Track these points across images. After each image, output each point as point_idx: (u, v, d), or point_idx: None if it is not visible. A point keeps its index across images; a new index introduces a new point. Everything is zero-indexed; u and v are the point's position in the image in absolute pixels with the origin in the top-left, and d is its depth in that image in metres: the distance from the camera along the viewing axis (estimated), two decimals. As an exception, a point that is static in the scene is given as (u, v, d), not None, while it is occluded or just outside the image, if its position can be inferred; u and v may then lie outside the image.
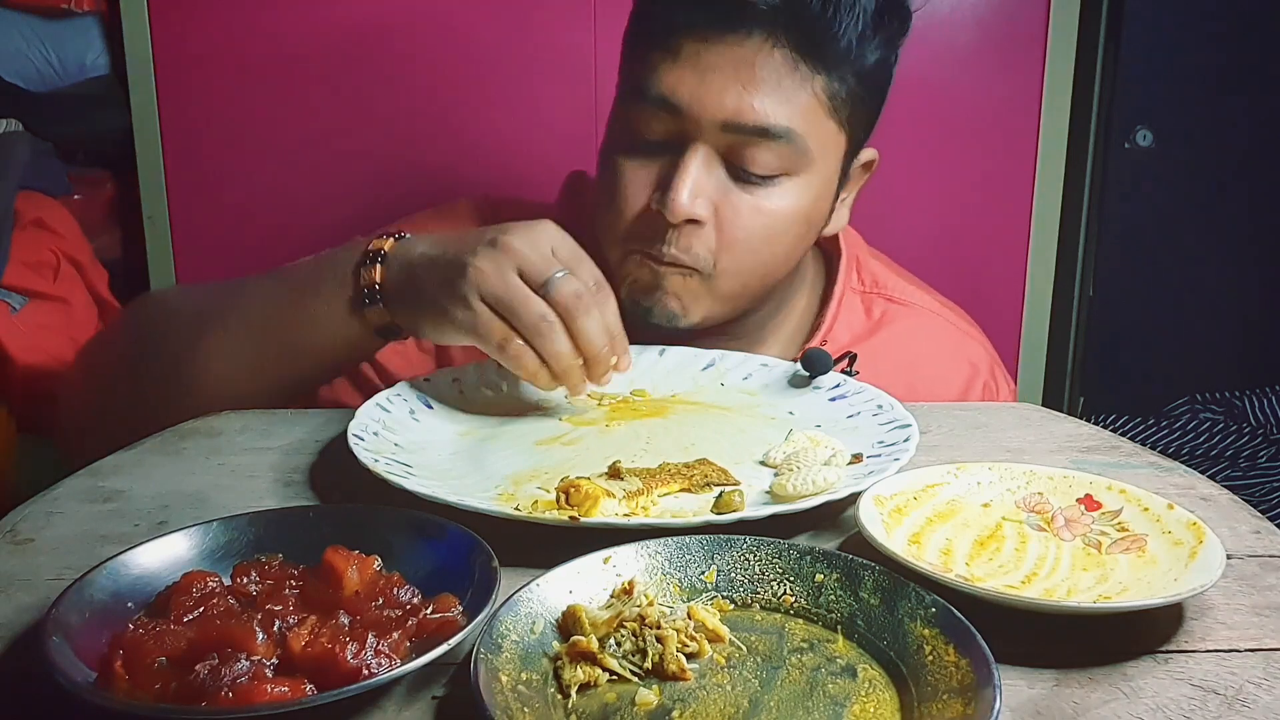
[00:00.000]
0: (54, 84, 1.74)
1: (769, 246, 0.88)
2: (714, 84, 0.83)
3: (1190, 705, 0.48)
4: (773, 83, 0.83)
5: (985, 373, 1.05)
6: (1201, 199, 2.04)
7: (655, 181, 0.86)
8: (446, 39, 1.71)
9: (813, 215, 0.91)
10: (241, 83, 1.73)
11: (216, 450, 0.77)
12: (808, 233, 0.92)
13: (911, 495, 0.64)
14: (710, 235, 0.86)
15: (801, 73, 0.84)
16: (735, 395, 0.87)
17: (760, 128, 0.83)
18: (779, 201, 0.87)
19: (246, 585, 0.52)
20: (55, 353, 1.46)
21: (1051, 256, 1.89)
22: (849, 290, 1.04)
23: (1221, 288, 2.08)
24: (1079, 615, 0.54)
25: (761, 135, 0.83)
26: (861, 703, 0.47)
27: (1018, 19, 1.75)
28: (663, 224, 0.85)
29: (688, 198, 0.83)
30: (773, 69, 0.83)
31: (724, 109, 0.83)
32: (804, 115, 0.85)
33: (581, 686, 0.48)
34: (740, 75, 0.83)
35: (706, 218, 0.85)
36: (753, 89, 0.83)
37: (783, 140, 0.84)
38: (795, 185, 0.87)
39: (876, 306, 1.04)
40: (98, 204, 1.78)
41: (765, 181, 0.86)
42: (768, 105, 0.83)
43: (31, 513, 0.66)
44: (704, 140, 0.84)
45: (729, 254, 0.87)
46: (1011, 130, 1.80)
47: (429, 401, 0.81)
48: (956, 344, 1.06)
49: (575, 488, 0.63)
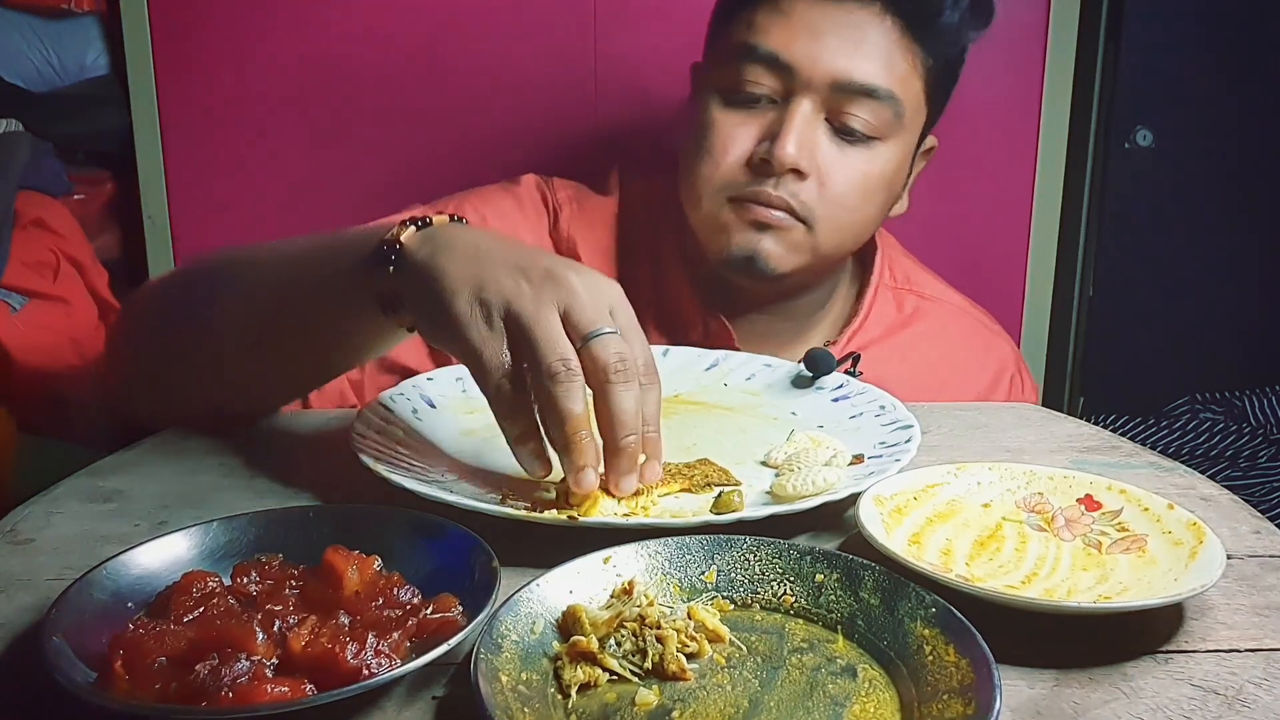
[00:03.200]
0: (54, 84, 1.74)
1: (863, 206, 0.94)
2: (828, 44, 0.89)
3: (1191, 705, 0.48)
4: (882, 48, 0.90)
5: (1012, 370, 1.09)
6: (1201, 199, 2.04)
7: (760, 134, 0.91)
8: (447, 39, 1.71)
9: (894, 184, 0.96)
10: (241, 82, 1.73)
11: (216, 450, 0.77)
12: (888, 202, 0.97)
13: (912, 495, 0.64)
14: (813, 187, 0.91)
15: (906, 43, 0.91)
16: (738, 395, 0.87)
17: (868, 87, 0.89)
18: (873, 163, 0.93)
19: (247, 585, 0.52)
20: (55, 353, 1.46)
21: (1051, 256, 1.88)
22: (882, 285, 1.07)
23: (1221, 288, 2.08)
24: (1079, 615, 0.54)
25: (867, 95, 0.90)
26: (862, 703, 0.47)
27: (1018, 19, 1.75)
28: (767, 173, 0.90)
29: (794, 147, 0.88)
30: (882, 35, 0.90)
31: (835, 68, 0.89)
32: (903, 82, 0.91)
33: (582, 687, 0.48)
34: (853, 37, 0.89)
35: (809, 169, 0.90)
36: (863, 51, 0.89)
37: (885, 102, 0.90)
38: (886, 150, 0.93)
39: (908, 302, 1.08)
40: (98, 204, 1.78)
41: (863, 141, 0.92)
42: (876, 67, 0.90)
43: (32, 513, 0.66)
44: (810, 96, 0.90)
45: (829, 206, 0.91)
46: (1011, 130, 1.80)
47: (432, 400, 0.81)
48: (985, 342, 1.10)
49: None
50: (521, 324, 0.61)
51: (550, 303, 0.62)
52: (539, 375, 0.61)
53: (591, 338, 0.61)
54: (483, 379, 0.62)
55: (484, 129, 1.75)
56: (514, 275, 0.63)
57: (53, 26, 1.73)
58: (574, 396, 0.60)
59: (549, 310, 0.61)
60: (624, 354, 0.62)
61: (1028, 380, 1.11)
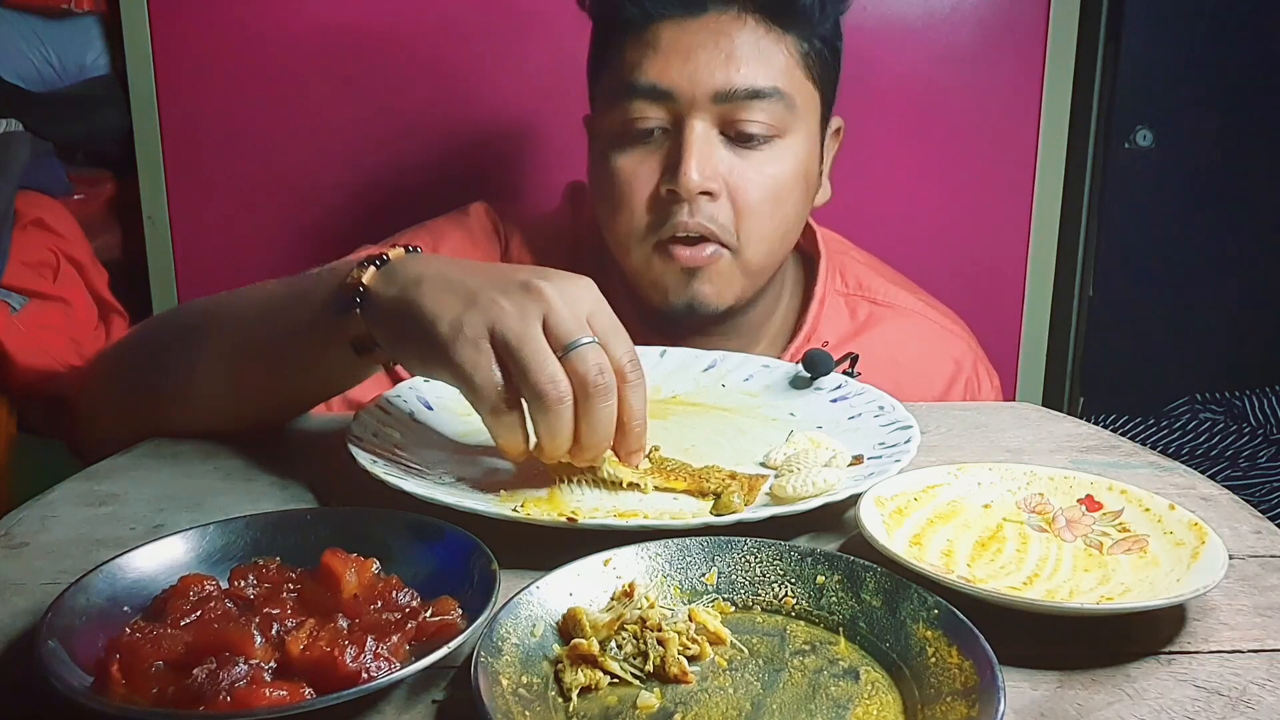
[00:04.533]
0: (54, 84, 1.73)
1: (780, 208, 0.93)
2: (701, 60, 0.89)
3: (1194, 706, 0.47)
4: (752, 47, 0.90)
5: (969, 369, 1.08)
6: (1201, 199, 2.04)
7: (660, 168, 0.91)
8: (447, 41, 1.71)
9: (808, 176, 0.96)
10: (241, 83, 1.73)
11: (213, 453, 0.77)
12: (806, 195, 0.97)
13: (912, 496, 0.64)
14: (726, 207, 0.91)
15: (774, 35, 0.91)
16: (736, 396, 0.87)
17: (752, 90, 0.89)
18: (778, 163, 0.92)
19: (244, 588, 0.52)
20: (55, 353, 1.46)
21: (1051, 256, 1.88)
22: (833, 293, 1.07)
23: (1221, 288, 2.08)
24: (1081, 616, 0.53)
25: (753, 97, 0.89)
26: (864, 705, 0.47)
27: (1018, 19, 1.75)
28: (677, 205, 0.89)
29: (696, 172, 0.88)
30: (749, 35, 0.90)
31: (715, 81, 0.89)
32: (784, 73, 0.91)
33: (582, 690, 0.48)
34: (722, 47, 0.89)
35: (718, 189, 0.90)
36: (737, 57, 0.89)
37: (772, 98, 0.90)
38: (788, 145, 0.93)
39: (861, 309, 1.07)
40: (98, 204, 1.78)
41: (762, 144, 0.91)
42: (753, 69, 0.89)
43: (27, 516, 0.66)
44: (699, 116, 0.89)
45: (747, 221, 0.91)
46: (1011, 130, 1.80)
47: (429, 403, 0.81)
48: (939, 341, 1.09)
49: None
50: (509, 344, 0.62)
51: (533, 317, 0.62)
52: (529, 396, 0.62)
53: (570, 349, 0.62)
54: (478, 402, 0.63)
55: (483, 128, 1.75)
56: (490, 294, 0.63)
57: (53, 26, 1.73)
58: (561, 419, 0.62)
59: (533, 326, 0.62)
60: (602, 365, 0.62)
61: (985, 380, 1.09)
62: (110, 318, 1.60)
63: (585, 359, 0.62)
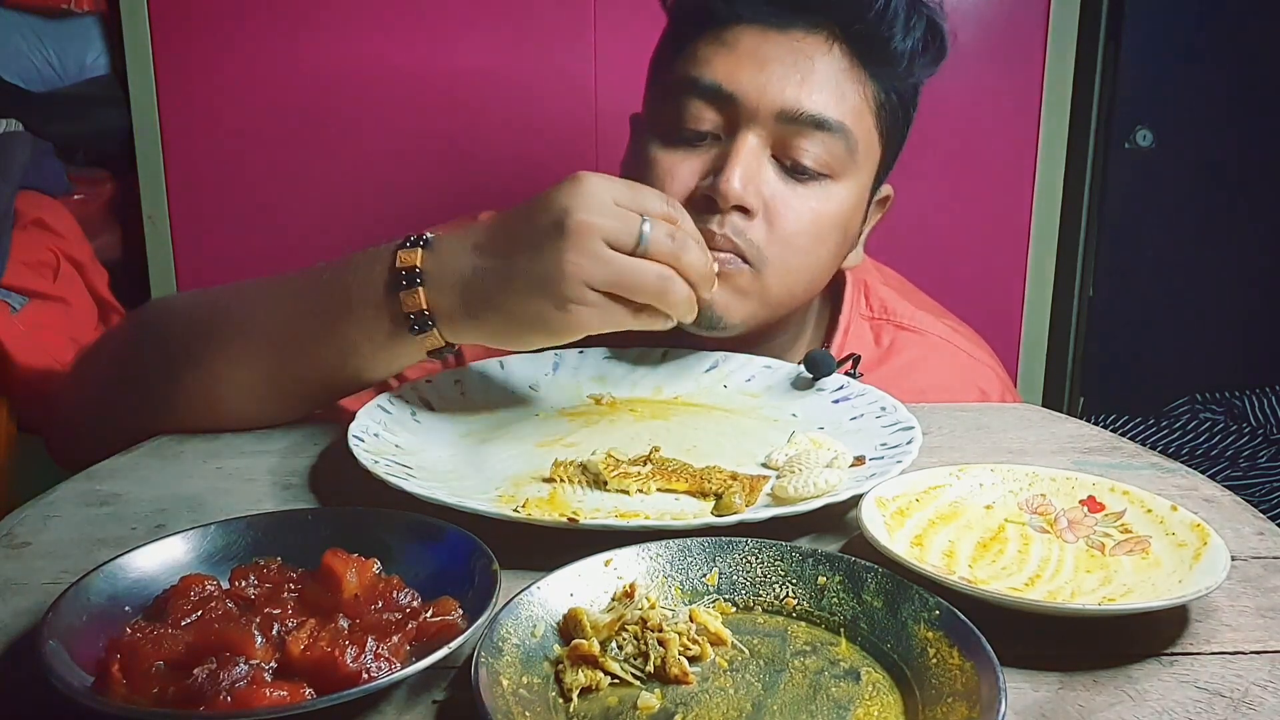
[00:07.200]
0: (54, 84, 1.74)
1: (815, 248, 0.88)
2: (774, 73, 0.84)
3: (1196, 708, 0.47)
4: (830, 78, 0.85)
5: (996, 396, 1.04)
6: (1201, 199, 2.04)
7: (703, 170, 0.86)
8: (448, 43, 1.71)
9: (849, 227, 0.91)
10: (241, 82, 1.73)
11: (214, 453, 0.76)
12: (843, 245, 0.92)
13: (914, 497, 0.64)
14: (760, 227, 0.85)
15: (855, 73, 0.86)
16: (738, 397, 0.87)
17: (817, 119, 0.84)
18: (824, 203, 0.87)
19: (245, 589, 0.52)
20: (55, 353, 1.46)
21: (1051, 256, 1.88)
22: (857, 317, 1.03)
23: (1221, 288, 2.08)
24: (1083, 618, 0.53)
25: (816, 127, 0.85)
26: (865, 706, 0.47)
27: (1018, 19, 1.75)
28: (711, 210, 0.84)
29: (740, 181, 0.83)
30: (831, 65, 0.85)
31: (783, 98, 0.84)
32: (854, 115, 0.86)
33: (583, 690, 0.48)
34: (800, 67, 0.85)
35: (756, 207, 0.85)
36: (811, 81, 0.85)
37: (835, 134, 0.85)
38: (838, 189, 0.88)
39: (886, 334, 1.04)
40: (98, 204, 1.78)
41: (813, 179, 0.86)
42: (824, 98, 0.85)
43: (28, 516, 0.66)
44: (756, 130, 0.85)
45: (778, 248, 0.86)
46: (1011, 130, 1.80)
47: (430, 403, 0.81)
48: (966, 370, 1.05)
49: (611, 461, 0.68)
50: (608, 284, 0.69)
51: (600, 250, 0.69)
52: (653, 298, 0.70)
53: (640, 242, 0.69)
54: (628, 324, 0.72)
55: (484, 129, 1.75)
56: (558, 260, 0.69)
57: (53, 26, 1.73)
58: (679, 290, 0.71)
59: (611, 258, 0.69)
60: (669, 231, 0.71)
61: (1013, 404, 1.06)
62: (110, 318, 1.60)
63: (658, 242, 0.70)
